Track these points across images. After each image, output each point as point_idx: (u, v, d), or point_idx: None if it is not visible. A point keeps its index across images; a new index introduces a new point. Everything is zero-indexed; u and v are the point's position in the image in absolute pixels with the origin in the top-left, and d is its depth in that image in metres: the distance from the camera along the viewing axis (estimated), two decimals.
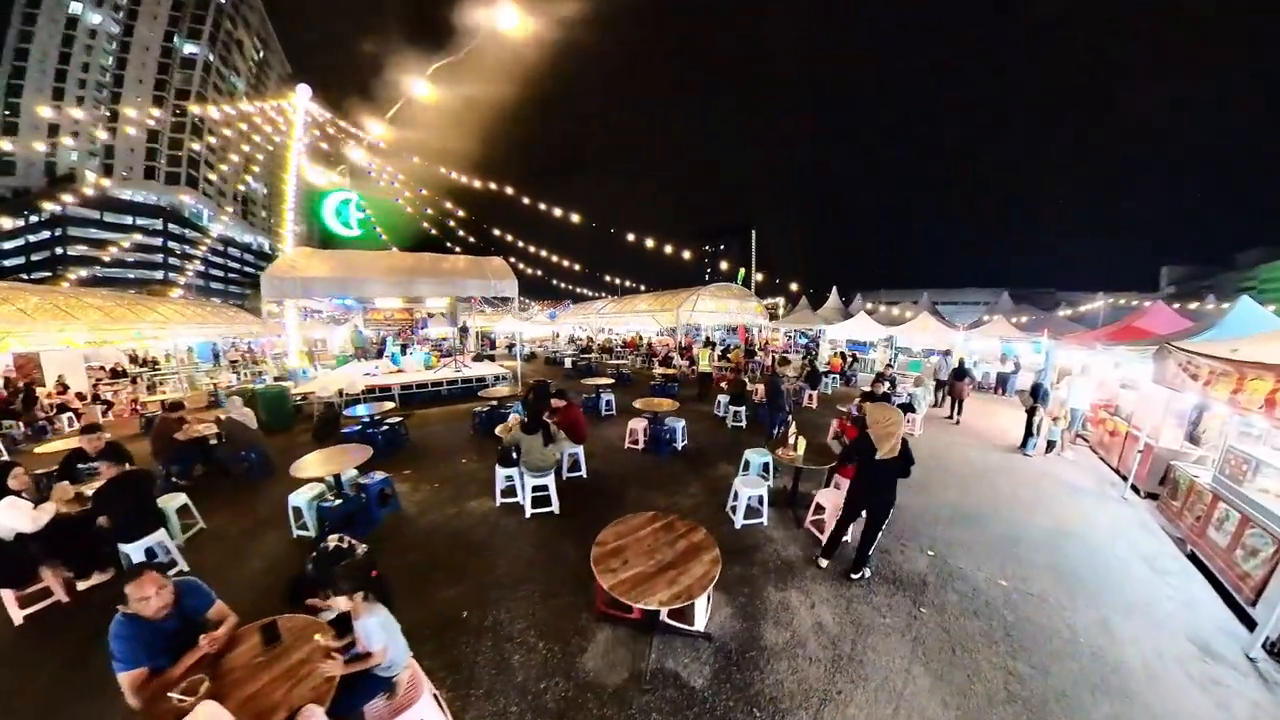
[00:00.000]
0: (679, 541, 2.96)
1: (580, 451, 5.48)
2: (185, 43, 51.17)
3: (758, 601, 3.37)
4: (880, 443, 3.36)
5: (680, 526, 3.14)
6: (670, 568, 2.68)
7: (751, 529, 4.40)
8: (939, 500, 5.13)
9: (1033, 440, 6.92)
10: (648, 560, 2.73)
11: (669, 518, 3.28)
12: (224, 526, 4.50)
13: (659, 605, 2.38)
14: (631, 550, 2.86)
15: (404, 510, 4.75)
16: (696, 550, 2.88)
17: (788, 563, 3.88)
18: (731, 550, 3.93)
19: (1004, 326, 13.15)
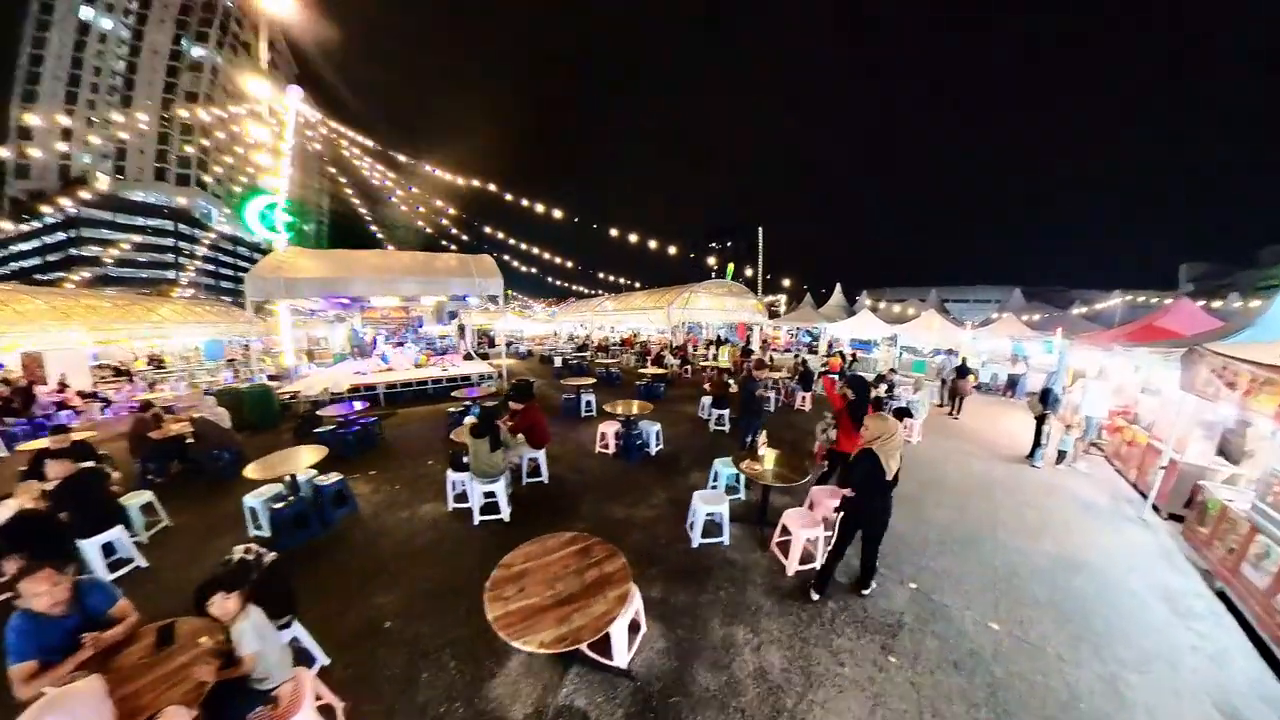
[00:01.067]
0: (590, 570, 2.61)
1: (541, 456, 5.25)
2: (193, 46, 51.85)
3: (698, 636, 2.99)
4: (888, 461, 3.07)
5: (598, 552, 2.78)
6: (569, 602, 2.35)
7: (709, 549, 3.97)
8: (930, 521, 4.60)
9: (1041, 450, 6.32)
10: (547, 591, 2.43)
11: (589, 541, 2.90)
12: (189, 524, 4.51)
13: (538, 647, 2.07)
14: (534, 577, 2.55)
15: (360, 511, 4.67)
16: (604, 584, 2.50)
17: (742, 591, 3.46)
18: (682, 573, 3.64)
19: (1014, 325, 12.41)
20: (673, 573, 3.64)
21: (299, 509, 4.08)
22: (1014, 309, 14.33)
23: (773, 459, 4.24)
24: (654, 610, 3.19)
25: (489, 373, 12.16)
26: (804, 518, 3.86)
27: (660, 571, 3.68)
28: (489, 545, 3.91)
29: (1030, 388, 11.67)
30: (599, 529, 4.29)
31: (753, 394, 5.33)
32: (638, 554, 3.87)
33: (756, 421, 5.54)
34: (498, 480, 4.31)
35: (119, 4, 47.68)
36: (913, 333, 14.94)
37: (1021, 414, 9.48)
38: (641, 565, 3.72)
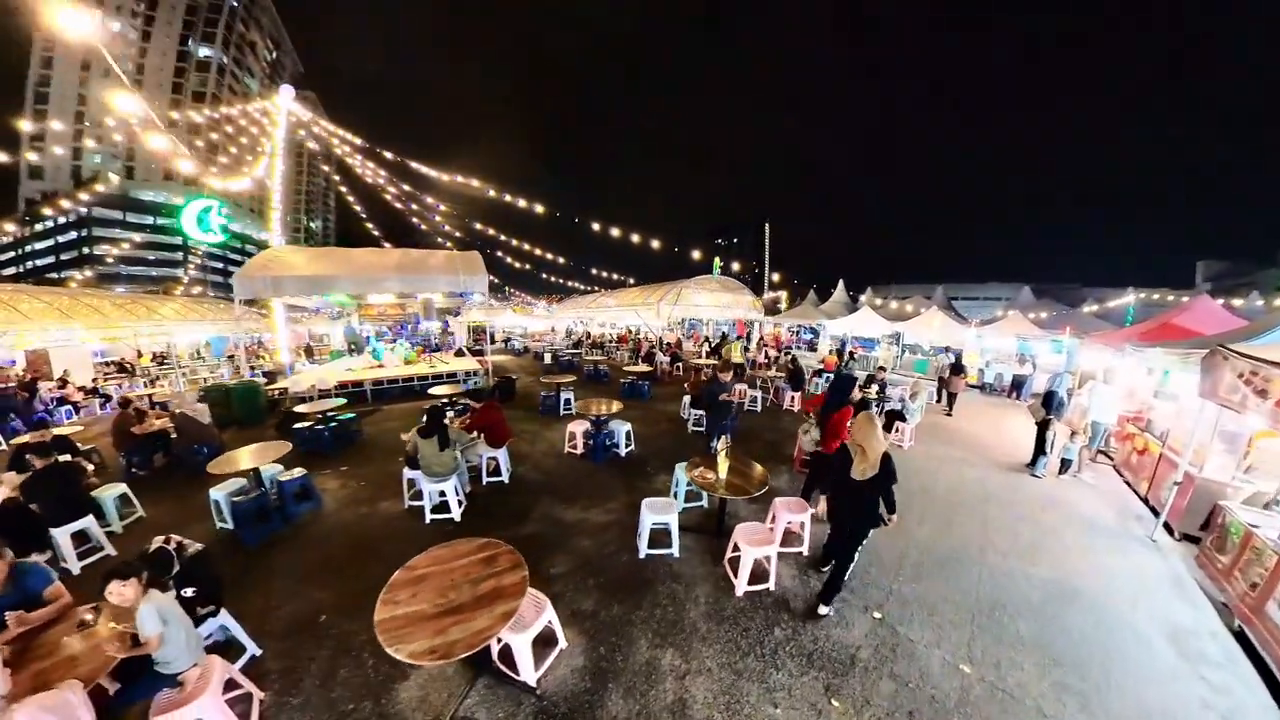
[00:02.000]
0: (487, 581, 2.45)
1: (501, 455, 5.14)
2: (200, 46, 52.34)
3: (621, 657, 2.76)
4: (854, 455, 2.88)
5: (502, 562, 2.60)
6: (454, 612, 2.23)
7: (656, 561, 3.69)
8: (910, 537, 4.14)
9: (1044, 459, 5.80)
10: (438, 598, 2.33)
11: (498, 549, 2.73)
12: (161, 517, 4.62)
13: (406, 657, 2.00)
14: (431, 583, 2.45)
15: (323, 507, 4.71)
16: (495, 597, 2.33)
17: (681, 610, 3.13)
18: (622, 585, 3.41)
19: (1020, 323, 11.76)
20: (612, 584, 3.41)
21: (260, 503, 4.16)
22: (1021, 306, 13.63)
23: (727, 467, 3.81)
24: (582, 624, 3.00)
25: (477, 370, 12.03)
26: (756, 534, 3.44)
27: (599, 582, 3.44)
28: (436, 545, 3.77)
29: (1036, 389, 11.05)
30: (547, 533, 4.08)
31: (716, 396, 4.90)
32: (580, 562, 3.68)
33: (722, 425, 5.11)
34: (448, 480, 4.21)
35: (127, 5, 48.22)
36: (914, 330, 14.33)
37: (1026, 417, 8.91)
38: (581, 574, 3.53)
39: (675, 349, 15.07)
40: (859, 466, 2.86)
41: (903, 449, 6.66)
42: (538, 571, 3.49)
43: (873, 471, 2.82)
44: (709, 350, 16.24)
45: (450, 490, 4.22)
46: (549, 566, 3.60)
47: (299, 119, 15.24)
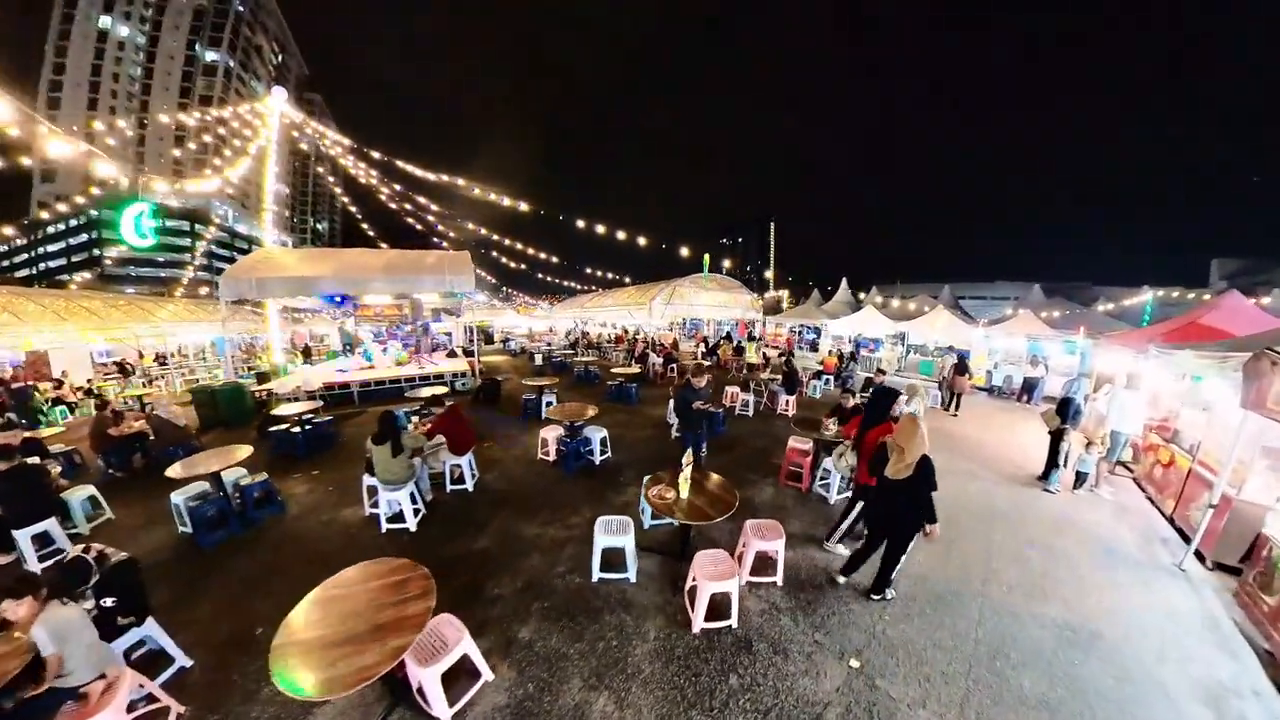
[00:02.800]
0: (389, 610, 2.24)
1: (465, 463, 4.96)
2: (207, 50, 52.94)
3: (549, 697, 2.47)
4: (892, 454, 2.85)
5: (411, 589, 2.38)
6: (348, 643, 2.06)
7: (609, 586, 3.34)
8: (902, 565, 3.65)
9: (1057, 472, 5.26)
10: (340, 625, 2.17)
11: (411, 573, 2.50)
12: (128, 519, 4.59)
13: (286, 690, 1.87)
14: (339, 606, 2.29)
15: (286, 513, 4.62)
16: (391, 629, 2.13)
17: (627, 645, 2.77)
18: (567, 611, 3.10)
19: (1031, 322, 11.12)
20: (556, 609, 3.12)
21: (219, 507, 4.13)
22: (1031, 305, 12.96)
23: (689, 486, 3.37)
24: (515, 654, 2.74)
25: (465, 371, 11.88)
26: (717, 564, 3.00)
27: (543, 607, 3.14)
28: (391, 553, 3.60)
29: (1048, 392, 10.42)
30: (499, 548, 3.84)
31: (688, 404, 4.45)
32: (528, 582, 3.41)
33: (696, 437, 4.66)
34: (402, 488, 4.07)
35: (135, 12, 48.92)
36: (919, 330, 13.72)
37: (1037, 424, 8.33)
38: (526, 596, 3.26)
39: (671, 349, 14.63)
40: (894, 466, 2.80)
41: None
42: (481, 592, 3.28)
43: (908, 473, 2.76)
44: (705, 350, 15.80)
45: (405, 499, 4.05)
46: (494, 586, 3.33)
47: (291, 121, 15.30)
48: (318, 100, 78.50)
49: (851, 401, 5.19)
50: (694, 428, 4.58)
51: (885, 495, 2.93)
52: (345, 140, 16.11)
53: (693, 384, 4.49)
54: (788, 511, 4.53)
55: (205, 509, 4.03)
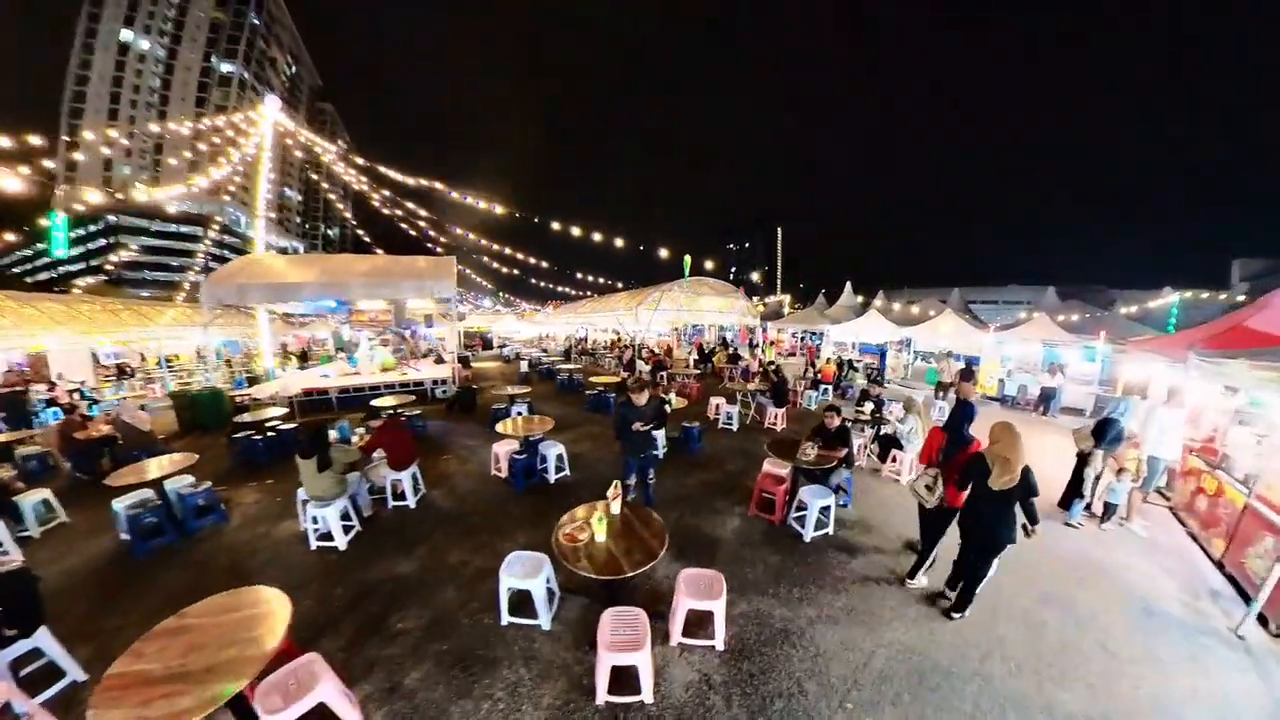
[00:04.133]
0: (233, 647, 2.02)
1: (406, 478, 4.68)
2: (222, 62, 54.43)
3: None
4: (994, 467, 2.77)
5: (263, 626, 2.12)
6: (174, 681, 1.85)
7: (517, 632, 2.89)
8: (878, 631, 2.95)
9: (1080, 502, 4.48)
10: (176, 660, 1.96)
11: (276, 606, 2.22)
12: (82, 523, 4.59)
13: None
14: (186, 638, 2.08)
15: (228, 523, 4.52)
16: (224, 671, 1.89)
17: (514, 710, 2.37)
18: (464, 658, 2.72)
19: (1047, 326, 10.24)
20: (454, 654, 2.75)
21: (156, 516, 4.07)
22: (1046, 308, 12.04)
23: (606, 528, 2.73)
24: (394, 704, 2.44)
25: (447, 377, 11.56)
26: (623, 629, 2.35)
27: (441, 649, 2.78)
28: (313, 574, 3.58)
29: (1067, 403, 9.52)
30: (419, 575, 3.58)
31: (627, 424, 3.79)
32: (435, 619, 3.06)
33: (635, 463, 4.00)
34: (329, 505, 3.88)
35: (155, 25, 50.53)
36: (924, 335, 12.89)
37: (1056, 438, 7.48)
38: (428, 635, 2.91)
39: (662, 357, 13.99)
40: (1000, 477, 2.74)
41: (900, 483, 5.38)
42: (385, 624, 2.99)
43: (1013, 483, 2.73)
44: (698, 358, 15.12)
45: (332, 516, 3.86)
46: (400, 619, 3.02)
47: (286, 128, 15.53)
48: (330, 110, 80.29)
49: (836, 421, 4.47)
50: (636, 453, 3.92)
51: (986, 507, 2.82)
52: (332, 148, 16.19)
53: (632, 401, 3.83)
54: (752, 550, 3.84)
55: (142, 517, 3.97)
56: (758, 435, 7.48)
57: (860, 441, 5.92)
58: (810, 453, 4.08)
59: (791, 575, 3.49)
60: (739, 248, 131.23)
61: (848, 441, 4.31)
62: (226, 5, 54.83)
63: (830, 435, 4.39)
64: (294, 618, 2.14)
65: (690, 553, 3.80)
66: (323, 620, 3.01)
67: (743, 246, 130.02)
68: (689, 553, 3.80)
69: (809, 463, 4.03)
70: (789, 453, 4.26)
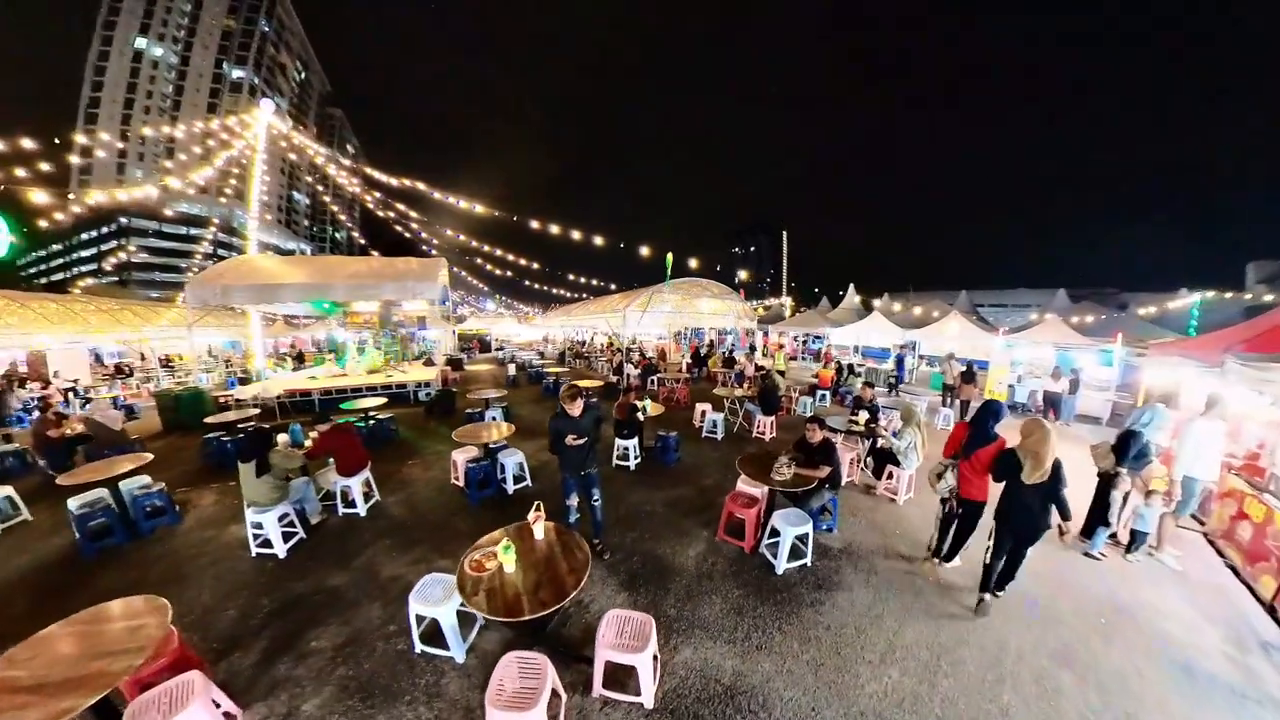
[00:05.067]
0: (99, 660, 1.88)
1: (355, 484, 4.49)
2: (233, 68, 55.41)
3: None
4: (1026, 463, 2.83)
5: (134, 640, 1.95)
6: (31, 692, 1.75)
7: (428, 663, 2.61)
8: (851, 695, 2.41)
9: (1104, 530, 3.89)
10: (46, 669, 1.86)
11: (147, 619, 2.09)
12: (44, 522, 4.56)
13: None
14: (65, 644, 1.98)
15: (180, 525, 4.46)
16: (78, 685, 1.76)
17: None
18: (366, 688, 2.49)
19: (1059, 329, 9.58)
20: (358, 682, 2.51)
21: (107, 517, 4.03)
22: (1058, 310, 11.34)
23: (512, 559, 2.26)
24: None
25: (432, 380, 11.40)
26: (513, 680, 1.88)
27: (346, 675, 2.56)
28: (247, 581, 3.48)
29: (1081, 410, 8.84)
30: (348, 589, 3.38)
31: (561, 438, 3.28)
32: (350, 639, 2.82)
33: (575, 482, 3.49)
34: (269, 510, 3.76)
35: (169, 33, 51.59)
36: (929, 338, 12.25)
37: (1071, 450, 6.84)
38: (339, 658, 2.68)
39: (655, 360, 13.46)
40: (1033, 472, 2.83)
41: (896, 504, 4.80)
42: (300, 642, 2.80)
43: (1044, 477, 2.81)
44: (691, 362, 14.56)
45: (270, 523, 3.73)
46: (316, 638, 2.84)
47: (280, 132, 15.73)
48: (339, 115, 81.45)
49: (818, 434, 3.92)
50: (574, 470, 3.42)
51: (1020, 500, 2.93)
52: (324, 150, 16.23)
53: (566, 411, 3.33)
54: (713, 582, 3.32)
55: (90, 518, 3.94)
56: (744, 445, 6.94)
57: (853, 454, 5.36)
58: (785, 471, 3.55)
59: (754, 616, 2.96)
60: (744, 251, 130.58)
61: (832, 458, 3.76)
62: (238, 13, 55.90)
63: (812, 450, 3.85)
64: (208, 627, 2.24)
65: (641, 582, 3.32)
66: (241, 631, 2.89)
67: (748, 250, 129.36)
68: (640, 582, 3.32)
69: (783, 483, 3.50)
70: (765, 470, 3.74)
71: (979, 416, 3.37)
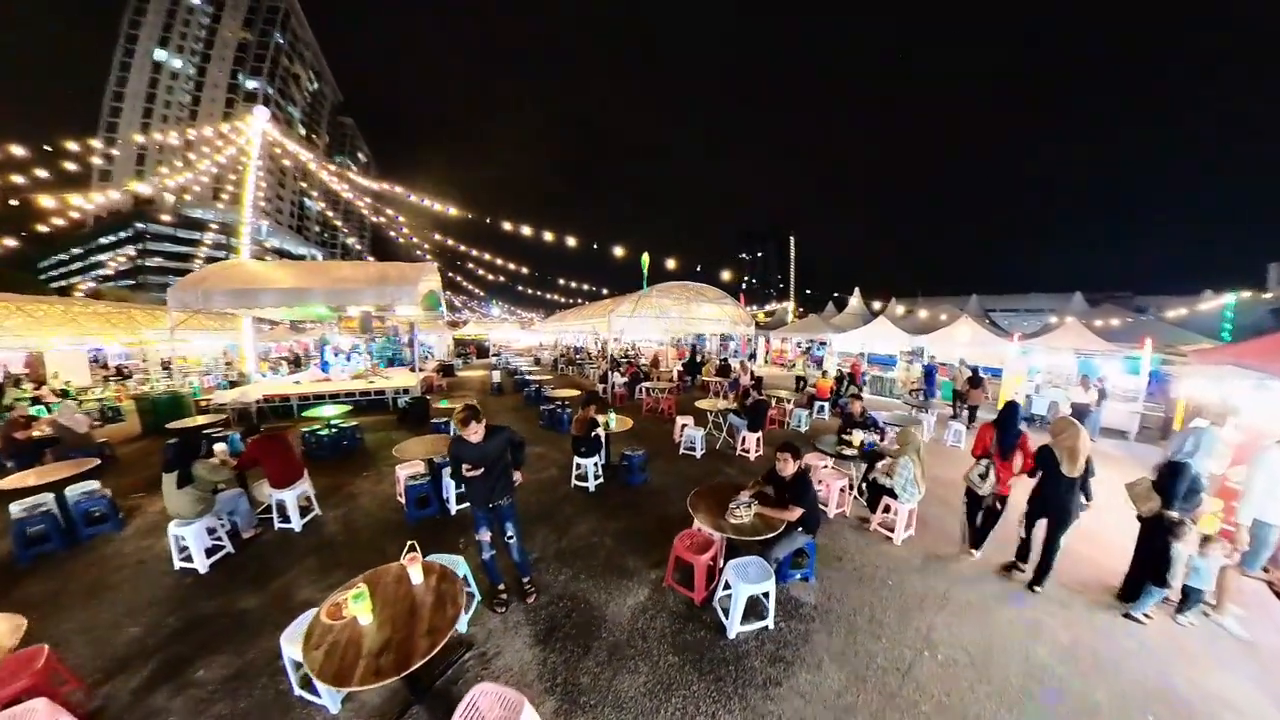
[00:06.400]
0: None
1: (290, 498, 4.25)
2: (248, 79, 56.82)
3: None
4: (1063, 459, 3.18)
5: None
6: None
7: (303, 710, 2.34)
8: None
9: (1158, 594, 3.08)
10: None
11: None
12: None
13: None
14: None
15: (120, 532, 4.34)
16: None
17: None
18: None
19: (1080, 333, 8.71)
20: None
21: (42, 523, 3.98)
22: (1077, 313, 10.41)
23: (367, 609, 1.69)
24: None
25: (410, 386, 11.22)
26: None
27: (220, 713, 2.32)
28: (161, 597, 3.34)
29: (1106, 424, 7.97)
30: (261, 613, 3.15)
31: (458, 464, 2.63)
32: (236, 672, 2.61)
33: (484, 517, 2.86)
34: (192, 523, 3.64)
35: (187, 45, 53.19)
36: (939, 344, 11.41)
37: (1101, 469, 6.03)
38: (217, 694, 2.46)
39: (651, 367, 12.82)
40: (1071, 467, 3.15)
41: (893, 543, 4.01)
42: (186, 670, 2.62)
43: (1078, 470, 3.14)
44: (683, 369, 13.86)
45: (192, 536, 3.60)
46: (205, 666, 2.65)
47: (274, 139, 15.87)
48: (350, 124, 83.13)
49: (790, 466, 3.12)
50: (481, 502, 2.79)
51: (1059, 490, 3.22)
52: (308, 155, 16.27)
53: (463, 437, 2.71)
54: (647, 643, 2.67)
55: (31, 523, 3.90)
56: (725, 464, 6.25)
57: (842, 482, 4.58)
58: (743, 514, 2.87)
59: (685, 696, 2.30)
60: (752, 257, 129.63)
61: (805, 497, 3.03)
62: (253, 25, 57.42)
63: (783, 485, 3.15)
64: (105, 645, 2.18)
65: (560, 636, 2.73)
66: (135, 652, 2.74)
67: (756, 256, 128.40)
68: (559, 636, 2.73)
69: (740, 529, 2.82)
70: (722, 506, 3.06)
71: (1005, 419, 3.62)
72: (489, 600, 3.05)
